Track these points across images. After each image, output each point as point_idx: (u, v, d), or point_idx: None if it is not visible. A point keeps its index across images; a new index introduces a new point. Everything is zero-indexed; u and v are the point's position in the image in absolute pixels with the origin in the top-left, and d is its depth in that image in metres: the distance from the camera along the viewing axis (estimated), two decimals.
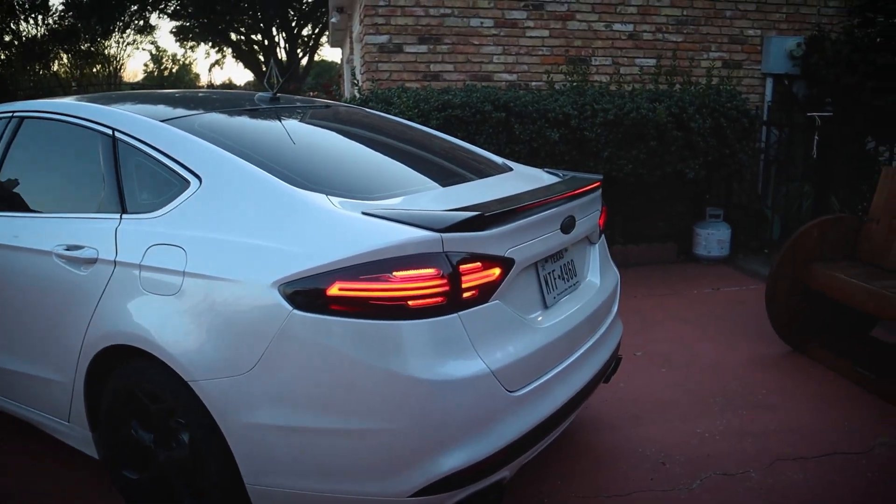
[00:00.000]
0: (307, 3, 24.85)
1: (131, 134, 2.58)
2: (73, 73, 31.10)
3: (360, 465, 2.04)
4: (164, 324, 2.27)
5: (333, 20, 10.53)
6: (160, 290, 2.29)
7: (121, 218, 2.49)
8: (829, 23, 6.89)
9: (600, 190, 2.93)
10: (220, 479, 2.24)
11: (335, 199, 2.19)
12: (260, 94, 3.15)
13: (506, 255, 2.16)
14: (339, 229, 2.08)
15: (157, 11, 26.36)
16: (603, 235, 3.07)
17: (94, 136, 2.69)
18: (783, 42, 6.80)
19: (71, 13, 24.69)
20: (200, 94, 3.33)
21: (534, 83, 6.47)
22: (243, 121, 2.82)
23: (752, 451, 3.03)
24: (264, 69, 25.29)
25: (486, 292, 2.11)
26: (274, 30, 27.10)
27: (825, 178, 6.23)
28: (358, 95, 5.94)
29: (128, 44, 37.47)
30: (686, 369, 3.95)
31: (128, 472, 2.53)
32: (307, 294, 2.01)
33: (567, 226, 2.48)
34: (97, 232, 2.52)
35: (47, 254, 2.62)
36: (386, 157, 2.90)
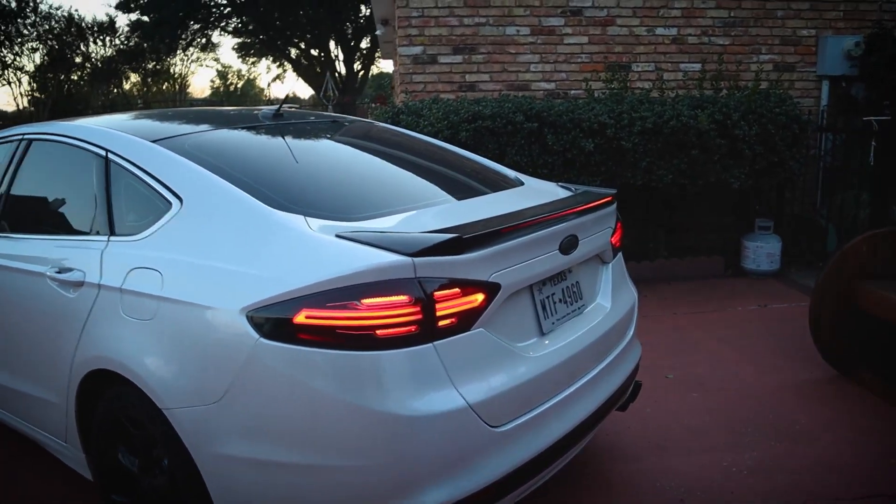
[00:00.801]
0: (363, 16, 25.16)
1: (122, 155, 2.54)
2: (141, 92, 32.33)
3: (336, 502, 1.92)
4: (141, 350, 2.20)
5: (379, 32, 10.55)
6: (138, 314, 2.23)
7: (108, 240, 2.45)
8: (891, 19, 6.46)
9: (614, 205, 2.75)
10: None
11: (314, 221, 2.09)
12: (265, 109, 3.09)
13: (489, 280, 2.01)
14: (308, 253, 1.97)
15: (219, 29, 27.13)
16: (619, 254, 2.87)
17: (90, 157, 2.67)
18: (840, 42, 6.40)
19: (136, 33, 25.64)
20: (208, 112, 3.29)
21: (572, 91, 6.28)
22: (238, 139, 2.75)
23: (781, 489, 2.78)
24: (319, 84, 25.68)
25: (466, 320, 1.97)
26: (332, 44, 27.54)
27: (884, 186, 5.82)
28: (389, 109, 5.86)
29: (192, 61, 38.72)
30: (720, 394, 3.70)
31: (116, 496, 2.48)
32: (274, 322, 1.90)
33: (567, 246, 2.31)
34: (85, 254, 2.48)
35: (41, 275, 2.61)
36: (385, 174, 2.79)
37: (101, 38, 26.15)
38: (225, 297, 2.00)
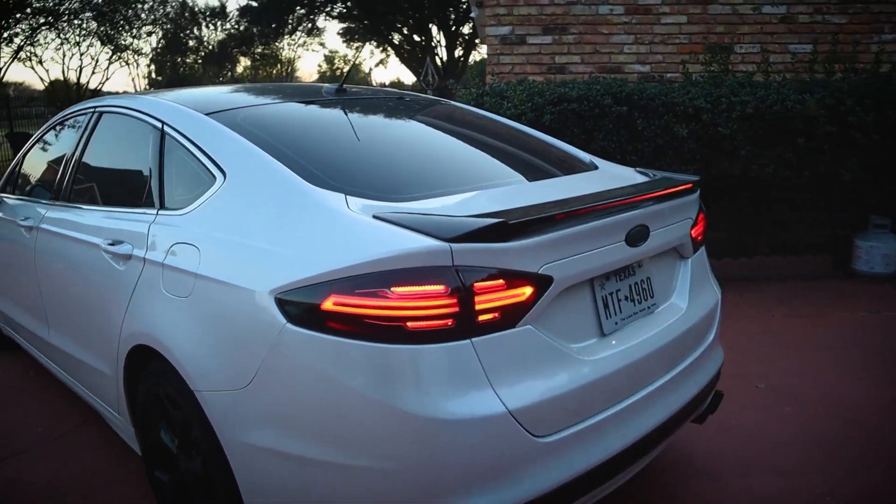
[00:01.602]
0: (466, 1, 24.99)
1: (176, 127, 2.48)
2: (250, 75, 33.50)
3: None
4: (177, 328, 2.13)
5: (473, 14, 10.33)
6: (176, 291, 2.16)
7: (157, 214, 2.40)
8: None
9: (696, 194, 2.46)
10: (225, 495, 2.07)
11: (355, 200, 1.94)
12: (327, 86, 2.97)
13: (540, 272, 1.80)
14: (341, 235, 1.82)
15: (324, 14, 27.65)
16: (702, 249, 2.58)
17: (148, 129, 2.63)
18: None
19: (245, 18, 26.50)
20: (273, 87, 3.21)
21: (668, 74, 5.89)
22: (294, 113, 2.64)
23: None
24: (419, 70, 25.76)
25: (511, 316, 1.76)
26: (434, 29, 27.55)
27: None
28: (474, 90, 5.67)
29: (298, 45, 39.76)
30: (816, 409, 3.32)
31: (159, 472, 2.44)
32: (301, 307, 1.77)
33: (635, 237, 2.06)
34: (135, 227, 2.45)
35: (97, 247, 2.60)
36: (444, 153, 2.60)
37: (213, 22, 27.22)
38: (255, 278, 1.89)
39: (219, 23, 27.50)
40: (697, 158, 4.93)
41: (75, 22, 18.37)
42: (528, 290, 1.77)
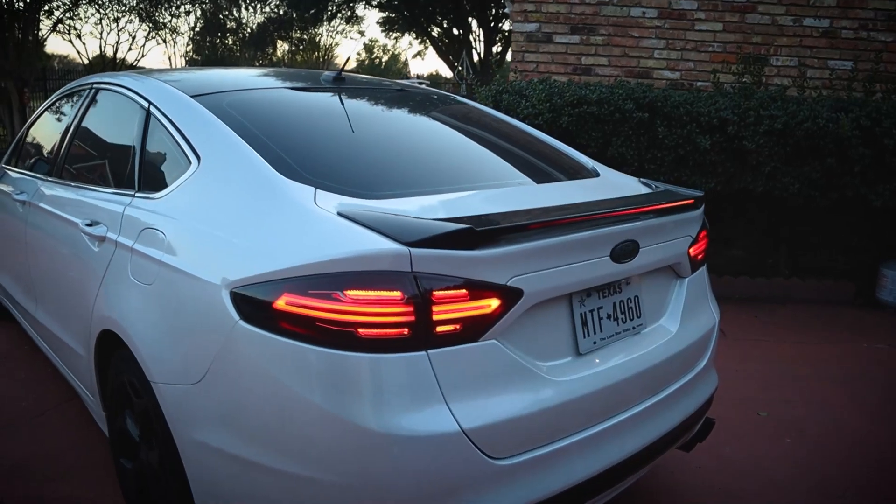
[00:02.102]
0: None
1: (160, 108, 2.41)
2: (287, 60, 33.66)
3: None
4: (140, 316, 2.06)
5: (507, 10, 10.20)
6: (141, 277, 2.09)
7: (133, 197, 2.33)
8: None
9: (697, 211, 2.32)
10: (176, 492, 2.00)
11: (325, 195, 1.84)
12: (326, 73, 2.88)
13: (508, 284, 1.68)
14: (302, 230, 1.73)
15: (364, 2, 27.62)
16: (703, 269, 2.44)
17: (136, 108, 2.57)
18: None
19: (284, 2, 26.57)
20: (272, 72, 3.12)
21: (699, 83, 5.70)
22: (284, 100, 2.55)
23: None
24: (455, 63, 25.61)
25: (474, 329, 1.65)
26: (474, 24, 27.35)
27: None
28: (493, 87, 5.54)
29: (337, 32, 39.81)
30: (819, 443, 3.15)
31: (124, 459, 2.38)
32: (254, 304, 1.68)
33: (622, 253, 1.94)
34: (112, 209, 2.38)
35: (76, 226, 2.54)
36: (432, 150, 2.48)
37: (253, 4, 27.38)
38: (213, 270, 1.81)
39: (258, 5, 27.65)
40: (719, 172, 4.75)
41: None
42: (493, 303, 1.66)
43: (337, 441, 1.58)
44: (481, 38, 27.68)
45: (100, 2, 18.33)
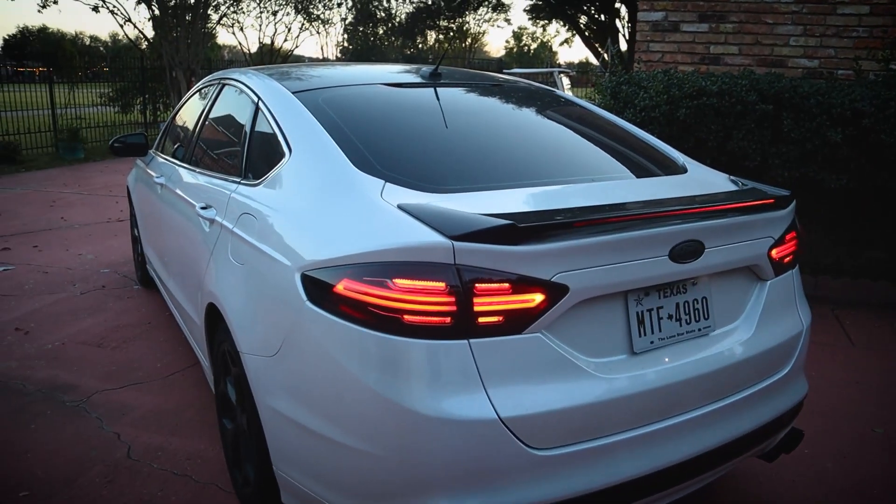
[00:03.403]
0: None
1: (266, 103, 2.64)
2: (435, 48, 34.31)
3: (350, 483, 1.84)
4: (235, 292, 2.30)
5: None
6: (238, 258, 2.32)
7: (239, 184, 2.58)
8: None
9: (784, 211, 2.22)
10: (258, 454, 2.22)
11: (392, 188, 1.97)
12: (424, 68, 3.00)
13: (553, 280, 1.73)
14: (364, 221, 1.87)
15: None
16: (792, 272, 2.33)
17: (248, 102, 2.82)
18: None
19: None
20: (373, 68, 3.29)
21: (840, 71, 5.29)
22: (378, 96, 2.70)
23: None
24: (601, 51, 25.00)
25: (517, 321, 1.72)
26: (623, 9, 26.56)
27: None
28: (613, 79, 5.45)
29: (484, 21, 40.02)
30: None
31: (226, 420, 2.65)
32: (319, 286, 1.84)
33: (682, 253, 1.91)
34: (221, 194, 2.64)
35: (194, 207, 2.84)
36: (516, 145, 2.53)
37: None
38: (289, 253, 1.99)
39: None
40: (851, 167, 4.41)
41: None
42: (537, 297, 1.71)
43: (382, 418, 1.71)
44: (628, 25, 26.82)
45: None
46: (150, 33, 15.67)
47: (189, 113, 3.83)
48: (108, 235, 6.65)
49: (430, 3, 29.24)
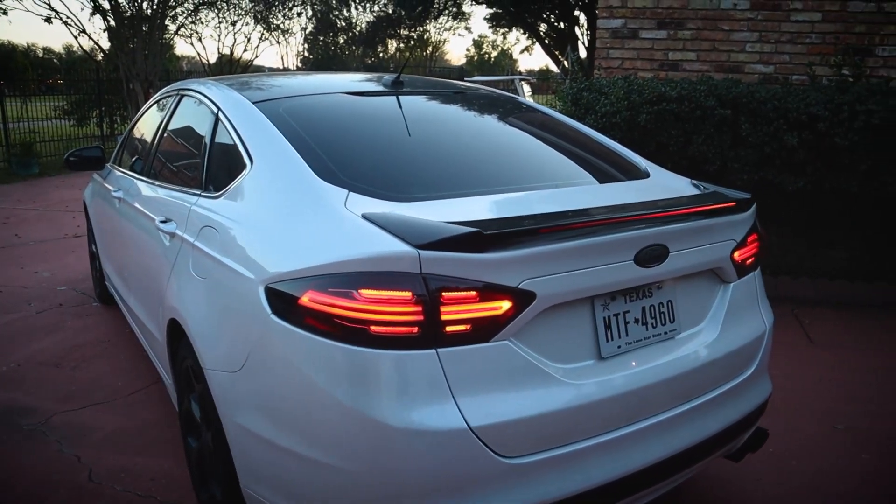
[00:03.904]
0: None
1: (226, 114, 2.60)
2: (396, 57, 34.35)
3: (321, 499, 1.80)
4: (197, 307, 2.25)
5: None
6: (199, 272, 2.27)
7: (199, 196, 2.53)
8: None
9: (746, 213, 2.26)
10: (224, 473, 2.17)
11: (356, 198, 1.94)
12: (386, 76, 2.99)
13: (520, 287, 1.72)
14: (328, 231, 1.84)
15: None
16: (754, 274, 2.37)
17: (208, 114, 2.77)
18: None
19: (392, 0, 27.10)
20: (335, 77, 3.26)
21: (794, 77, 5.42)
22: (339, 105, 2.67)
23: None
24: (561, 58, 25.27)
25: (485, 329, 1.70)
26: (582, 17, 26.88)
27: None
28: (574, 85, 5.50)
29: (445, 29, 40.22)
30: None
31: (190, 438, 2.59)
32: (283, 299, 1.80)
33: (647, 257, 1.92)
34: (181, 207, 2.59)
35: (153, 221, 2.78)
36: (477, 152, 2.53)
37: (362, 4, 28.15)
38: (252, 266, 1.95)
39: (367, 4, 28.40)
40: (808, 171, 4.52)
41: (233, 1, 19.73)
42: (504, 305, 1.71)
43: (351, 431, 1.68)
44: (588, 32, 27.16)
45: (219, 6, 19.45)
46: (105, 44, 15.40)
47: (147, 125, 3.76)
48: (65, 252, 6.49)
49: (390, 12, 29.28)
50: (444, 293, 1.65)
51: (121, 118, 16.59)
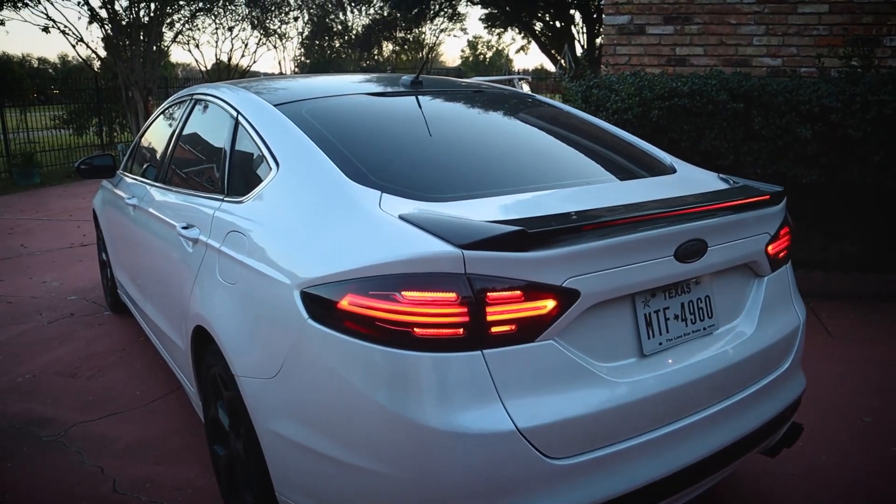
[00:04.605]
0: None
1: (247, 117, 2.57)
2: (393, 60, 34.34)
3: None
4: (226, 313, 2.22)
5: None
6: (227, 277, 2.24)
7: (222, 201, 2.50)
8: None
9: (777, 207, 2.23)
10: (257, 481, 2.14)
11: (390, 199, 1.91)
12: (405, 77, 2.96)
13: (564, 285, 1.69)
14: (365, 233, 1.81)
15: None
16: (786, 267, 2.34)
17: (227, 118, 2.74)
18: None
19: (388, 2, 27.10)
20: (353, 78, 3.23)
21: (802, 69, 5.40)
22: (361, 106, 2.65)
23: None
24: (557, 57, 25.29)
25: (530, 329, 1.68)
26: (577, 16, 26.89)
27: None
28: (583, 83, 5.48)
29: (440, 31, 40.22)
30: None
31: (217, 446, 2.56)
32: (321, 303, 1.77)
33: (687, 252, 1.90)
34: (204, 213, 2.56)
35: (174, 227, 2.75)
36: (505, 151, 2.50)
37: (358, 7, 28.14)
38: (286, 271, 1.92)
39: (363, 7, 28.39)
40: (821, 162, 4.49)
41: (230, 7, 19.70)
42: (549, 304, 1.68)
43: (395, 436, 1.65)
44: (584, 30, 27.17)
45: (215, 12, 19.41)
46: (103, 53, 15.31)
47: (159, 131, 3.73)
48: (73, 261, 6.45)
49: (385, 14, 29.28)
50: (489, 293, 1.62)
51: (120, 126, 16.52)
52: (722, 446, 1.99)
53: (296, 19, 25.48)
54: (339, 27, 28.65)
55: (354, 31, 29.16)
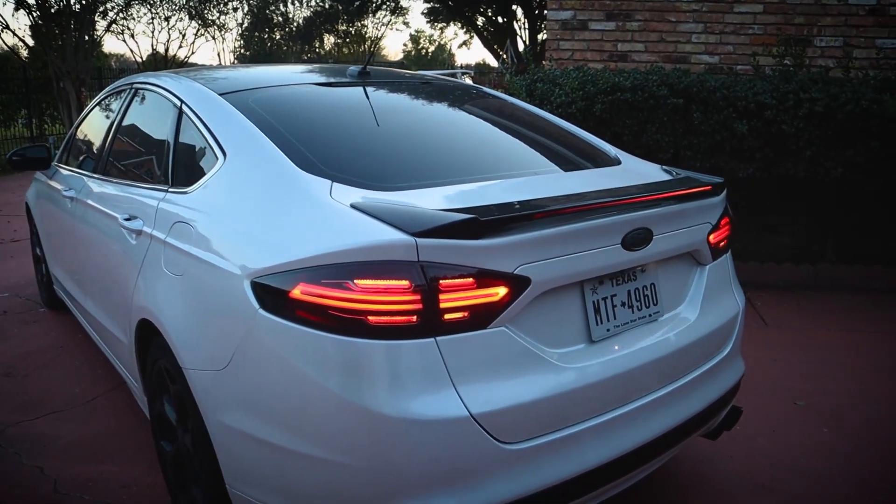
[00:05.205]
0: None
1: (191, 106, 2.51)
2: (334, 53, 33.97)
3: (318, 495, 1.77)
4: (172, 306, 2.17)
5: None
6: (173, 269, 2.19)
7: (167, 192, 2.44)
8: None
9: (718, 197, 2.31)
10: (207, 475, 2.10)
11: (340, 188, 1.91)
12: (352, 67, 2.94)
13: (516, 273, 1.72)
14: (316, 222, 1.80)
15: None
16: (726, 256, 2.43)
17: (170, 107, 2.68)
18: None
19: None
20: (300, 68, 3.20)
21: (738, 66, 5.58)
22: (309, 96, 2.62)
23: None
24: (500, 52, 25.48)
25: (482, 316, 1.70)
26: (519, 11, 27.14)
27: None
28: (526, 76, 5.54)
29: (382, 24, 39.99)
30: (858, 435, 3.09)
31: (164, 442, 2.50)
32: (272, 293, 1.76)
33: (634, 241, 1.95)
34: (148, 204, 2.50)
35: (116, 219, 2.67)
36: (453, 141, 2.52)
37: None
38: (235, 261, 1.90)
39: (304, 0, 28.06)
40: (757, 157, 4.66)
41: None
42: (501, 291, 1.70)
43: (349, 424, 1.65)
44: (526, 25, 27.44)
45: (151, 1, 18.86)
46: (31, 42, 14.72)
47: (97, 122, 3.61)
48: (4, 258, 6.20)
49: (327, 7, 28.96)
50: (441, 281, 1.63)
51: (51, 118, 15.90)
52: (668, 429, 2.06)
53: (235, 10, 25.00)
54: (280, 19, 28.24)
55: (295, 24, 28.77)
